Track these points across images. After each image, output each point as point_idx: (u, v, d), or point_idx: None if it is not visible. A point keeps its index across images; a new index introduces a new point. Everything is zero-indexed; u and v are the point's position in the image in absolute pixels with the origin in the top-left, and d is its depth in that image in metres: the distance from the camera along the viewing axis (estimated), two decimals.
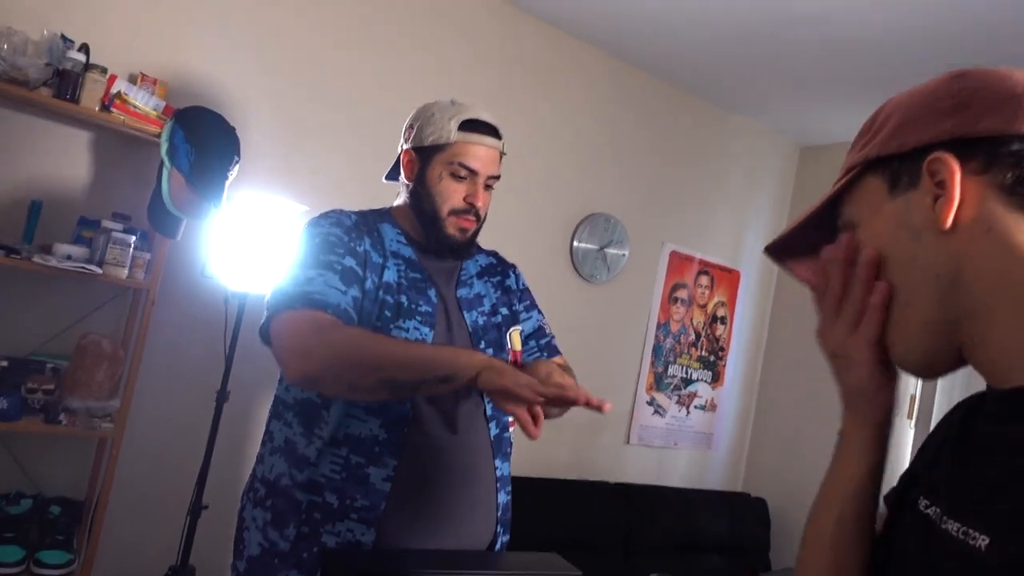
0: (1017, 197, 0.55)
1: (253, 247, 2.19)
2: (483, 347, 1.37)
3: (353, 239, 1.30)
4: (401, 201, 1.42)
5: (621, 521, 3.27)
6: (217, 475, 2.24)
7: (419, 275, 1.35)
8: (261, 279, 2.17)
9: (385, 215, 1.43)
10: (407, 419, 1.25)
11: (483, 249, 1.54)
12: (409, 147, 1.38)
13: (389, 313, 1.27)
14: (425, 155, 1.35)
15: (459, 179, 1.33)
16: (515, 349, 1.45)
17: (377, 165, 1.71)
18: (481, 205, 1.35)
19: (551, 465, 3.14)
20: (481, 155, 1.33)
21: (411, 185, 1.38)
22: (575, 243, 3.33)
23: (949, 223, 0.56)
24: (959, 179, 0.56)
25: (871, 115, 0.65)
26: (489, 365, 1.09)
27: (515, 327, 1.47)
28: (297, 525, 1.22)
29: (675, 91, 3.62)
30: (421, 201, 1.36)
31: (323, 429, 1.25)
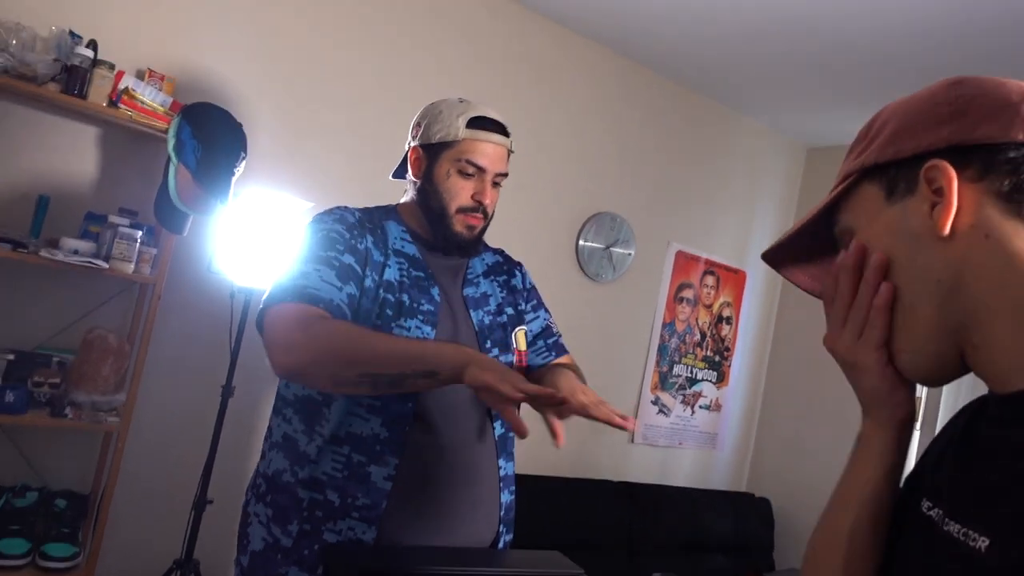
0: (1014, 204, 0.55)
1: (259, 243, 2.19)
2: (488, 346, 1.36)
3: (354, 236, 1.29)
4: (408, 198, 1.42)
5: (625, 520, 3.27)
6: (222, 469, 2.25)
7: (422, 273, 1.34)
8: (267, 275, 2.18)
9: (391, 212, 1.42)
10: (409, 418, 1.25)
11: (490, 247, 1.53)
12: (417, 144, 1.38)
13: (391, 311, 1.27)
14: (433, 152, 1.35)
15: (467, 176, 1.33)
16: (520, 349, 1.45)
17: (383, 163, 1.71)
18: (489, 202, 1.35)
19: (555, 464, 3.14)
20: (489, 152, 1.33)
21: (418, 182, 1.37)
22: (581, 242, 3.33)
23: (947, 230, 0.56)
24: (956, 186, 0.56)
25: (867, 122, 0.66)
26: (474, 360, 1.06)
27: (520, 327, 1.46)
28: (299, 522, 1.23)
29: (682, 89, 3.61)
30: (428, 198, 1.35)
31: (324, 427, 1.25)
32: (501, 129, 1.36)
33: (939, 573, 0.55)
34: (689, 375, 3.76)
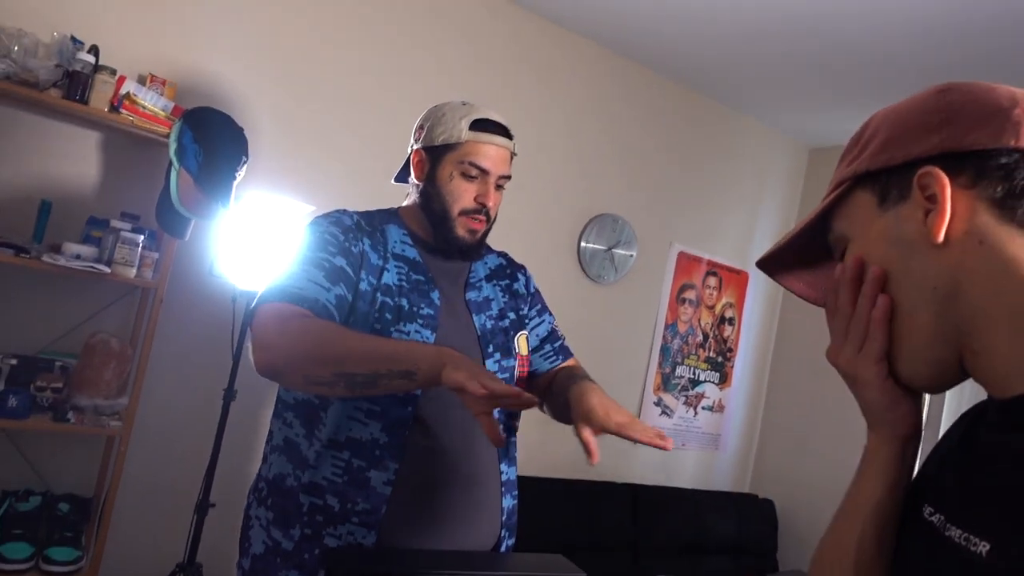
0: (1007, 210, 0.55)
1: (260, 247, 2.20)
2: (490, 351, 1.36)
3: (349, 239, 1.29)
4: (410, 201, 1.41)
5: (628, 522, 3.27)
6: (224, 473, 2.25)
7: (422, 277, 1.34)
8: (268, 278, 2.18)
9: (392, 215, 1.42)
10: (409, 422, 1.25)
11: (493, 250, 1.53)
12: (419, 147, 1.38)
13: (390, 316, 1.26)
14: (436, 155, 1.34)
15: (470, 179, 1.32)
16: (522, 354, 1.44)
17: (384, 164, 1.71)
18: (492, 205, 1.34)
19: (557, 465, 3.14)
20: (492, 154, 1.33)
21: (421, 185, 1.37)
22: (583, 243, 3.33)
23: (941, 237, 0.56)
24: (949, 193, 0.56)
25: (858, 129, 0.66)
26: (451, 360, 1.02)
27: (522, 331, 1.46)
28: (300, 526, 1.23)
29: (682, 89, 3.61)
30: (431, 201, 1.35)
31: (322, 431, 1.24)
32: (504, 131, 1.35)
33: None
34: (692, 376, 3.76)
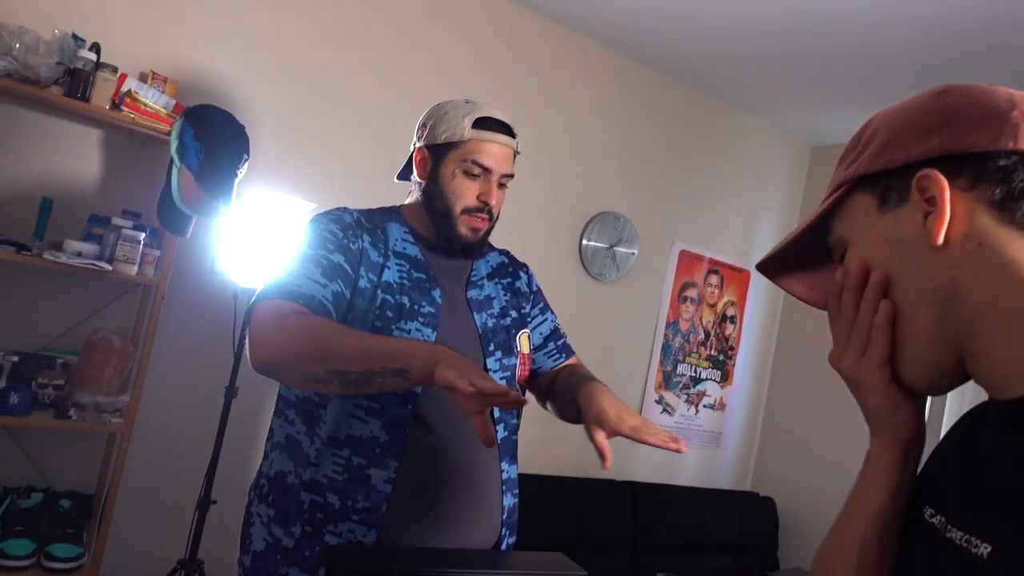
0: (1007, 212, 0.55)
1: (262, 244, 2.20)
2: (491, 349, 1.36)
3: (348, 236, 1.29)
4: (412, 200, 1.41)
5: (629, 520, 3.27)
6: (225, 470, 2.25)
7: (424, 275, 1.34)
8: (267, 275, 2.18)
9: (394, 213, 1.42)
10: (409, 420, 1.25)
11: (495, 248, 1.53)
12: (422, 145, 1.37)
13: (391, 314, 1.26)
14: (438, 153, 1.34)
15: (473, 177, 1.32)
16: (524, 352, 1.44)
17: (385, 162, 1.71)
18: (495, 203, 1.34)
19: (558, 463, 3.14)
20: (495, 153, 1.32)
21: (424, 183, 1.37)
22: (584, 242, 3.32)
23: (941, 239, 0.56)
24: (949, 195, 0.56)
25: (856, 132, 0.66)
26: (444, 358, 1.02)
27: (524, 330, 1.46)
28: (301, 523, 1.23)
29: (684, 88, 3.60)
30: (434, 199, 1.35)
31: (322, 428, 1.25)
32: (507, 130, 1.35)
33: None
34: (693, 374, 3.76)
